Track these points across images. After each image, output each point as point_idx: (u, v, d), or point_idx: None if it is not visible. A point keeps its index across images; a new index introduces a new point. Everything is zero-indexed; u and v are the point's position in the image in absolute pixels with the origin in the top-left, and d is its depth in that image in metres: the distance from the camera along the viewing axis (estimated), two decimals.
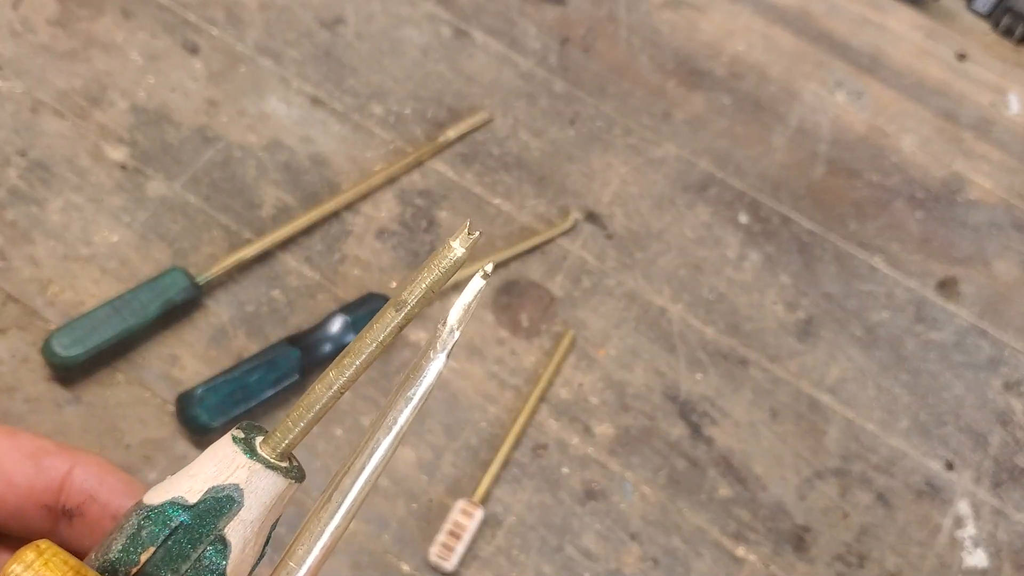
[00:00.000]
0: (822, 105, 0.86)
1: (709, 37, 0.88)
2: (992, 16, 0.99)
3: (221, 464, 0.25)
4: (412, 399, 0.25)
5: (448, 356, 0.25)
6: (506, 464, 0.65)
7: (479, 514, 0.62)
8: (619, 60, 0.85)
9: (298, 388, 0.64)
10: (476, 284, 0.25)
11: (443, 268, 0.24)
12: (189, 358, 0.65)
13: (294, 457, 0.26)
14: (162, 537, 0.24)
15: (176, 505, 0.25)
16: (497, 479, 0.64)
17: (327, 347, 0.64)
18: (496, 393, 0.67)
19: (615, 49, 0.85)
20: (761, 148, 0.82)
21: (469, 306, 0.25)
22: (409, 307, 0.24)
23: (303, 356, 0.63)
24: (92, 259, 0.67)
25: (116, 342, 0.62)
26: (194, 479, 0.25)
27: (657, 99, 0.83)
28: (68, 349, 0.61)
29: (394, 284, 0.70)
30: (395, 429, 0.25)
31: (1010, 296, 0.79)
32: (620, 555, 0.64)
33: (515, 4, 0.85)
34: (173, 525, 0.24)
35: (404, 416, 0.25)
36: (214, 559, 0.25)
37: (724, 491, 0.67)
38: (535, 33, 0.84)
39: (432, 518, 0.62)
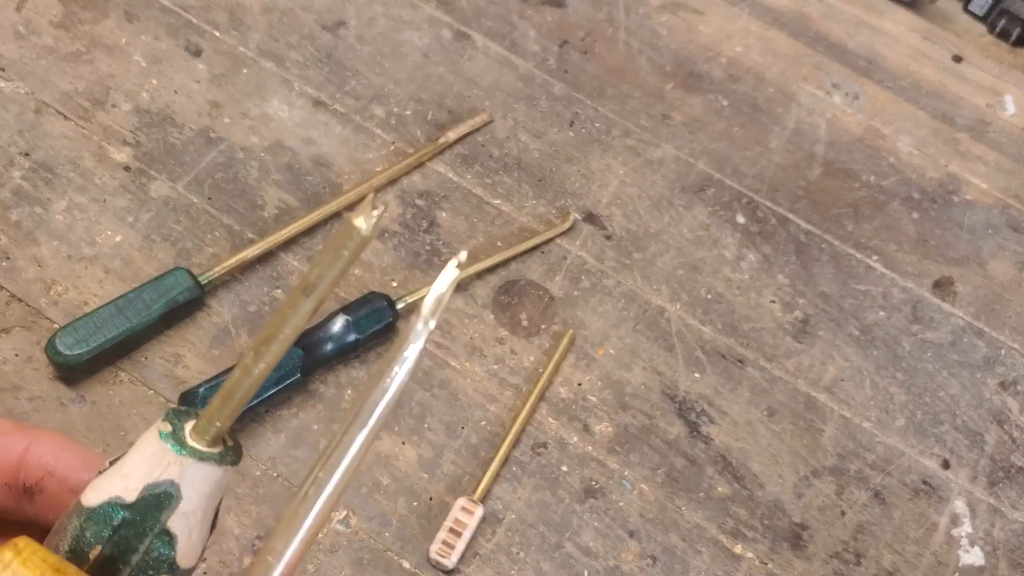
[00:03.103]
0: (819, 107, 0.87)
1: (707, 40, 0.88)
2: (988, 18, 1.00)
3: (152, 461, 0.25)
4: (387, 391, 0.24)
5: (423, 347, 0.24)
6: (506, 462, 0.65)
7: (479, 512, 0.62)
8: (618, 62, 0.85)
9: (300, 387, 0.65)
10: (449, 274, 0.24)
11: (350, 249, 0.23)
12: (192, 357, 0.65)
13: (229, 438, 0.26)
14: (106, 535, 0.25)
15: (114, 504, 0.25)
16: (497, 477, 0.65)
17: (328, 346, 0.65)
18: (496, 392, 0.68)
19: (614, 52, 0.86)
20: (758, 149, 0.83)
21: (442, 296, 0.24)
22: (319, 290, 0.24)
23: (305, 355, 0.64)
24: (96, 259, 0.67)
25: (119, 342, 0.63)
26: (128, 478, 0.25)
27: (655, 101, 0.84)
28: (72, 348, 0.61)
29: (395, 284, 0.70)
30: (370, 422, 0.24)
31: (1005, 296, 0.79)
32: (619, 552, 0.64)
33: (515, 7, 0.86)
34: (115, 523, 0.25)
35: (380, 408, 0.24)
36: (162, 551, 0.25)
37: (722, 489, 0.68)
38: (535, 36, 0.85)
39: (433, 516, 0.63)
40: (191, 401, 0.61)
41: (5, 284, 0.65)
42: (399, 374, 0.24)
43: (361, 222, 0.23)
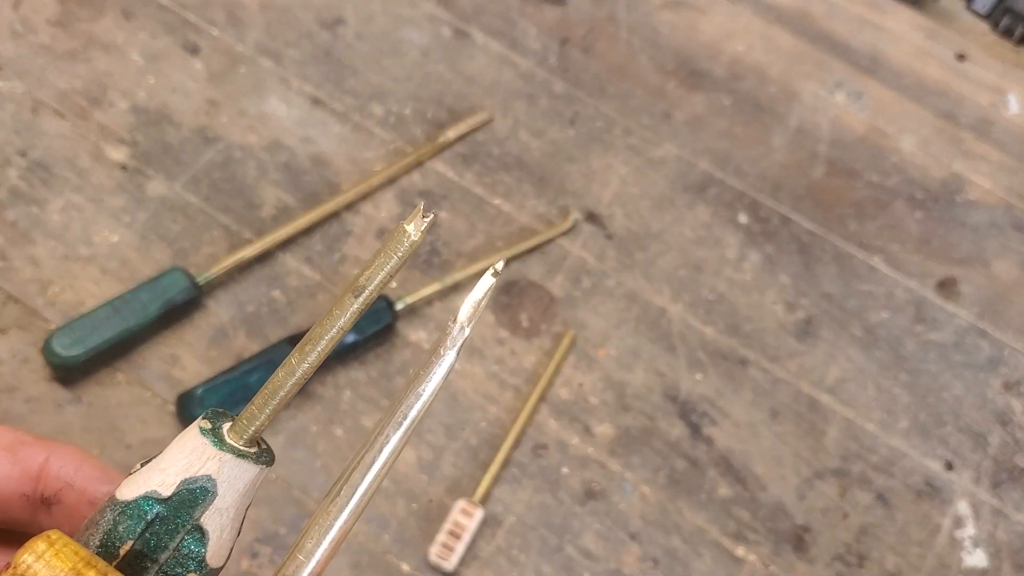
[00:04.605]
0: (822, 105, 0.86)
1: (709, 38, 0.88)
2: (992, 16, 0.99)
3: (192, 456, 0.25)
4: (423, 394, 0.25)
5: (458, 353, 0.25)
6: (506, 464, 0.65)
7: (479, 514, 0.62)
8: (619, 61, 0.85)
9: None
10: (486, 282, 0.25)
11: (399, 253, 0.25)
12: (189, 358, 0.65)
13: (262, 440, 0.27)
14: (139, 530, 0.25)
15: (150, 499, 0.25)
16: (497, 479, 0.64)
17: None
18: (496, 393, 0.67)
19: (615, 50, 0.85)
20: (761, 148, 0.82)
21: (479, 303, 0.25)
22: (367, 292, 0.25)
23: None
24: (92, 259, 0.67)
25: (116, 342, 0.62)
26: (165, 472, 0.25)
27: (657, 99, 0.83)
28: (68, 349, 0.61)
29: (394, 284, 0.70)
30: (405, 424, 0.25)
31: (1009, 296, 0.79)
32: (620, 555, 0.64)
33: (515, 5, 0.85)
34: (149, 518, 0.25)
35: (414, 411, 0.25)
36: (193, 547, 0.25)
37: (724, 491, 0.67)
38: (535, 34, 0.84)
39: (432, 518, 0.62)
40: (189, 403, 0.61)
41: (1, 284, 0.65)
42: (433, 378, 0.25)
43: (412, 227, 0.24)
